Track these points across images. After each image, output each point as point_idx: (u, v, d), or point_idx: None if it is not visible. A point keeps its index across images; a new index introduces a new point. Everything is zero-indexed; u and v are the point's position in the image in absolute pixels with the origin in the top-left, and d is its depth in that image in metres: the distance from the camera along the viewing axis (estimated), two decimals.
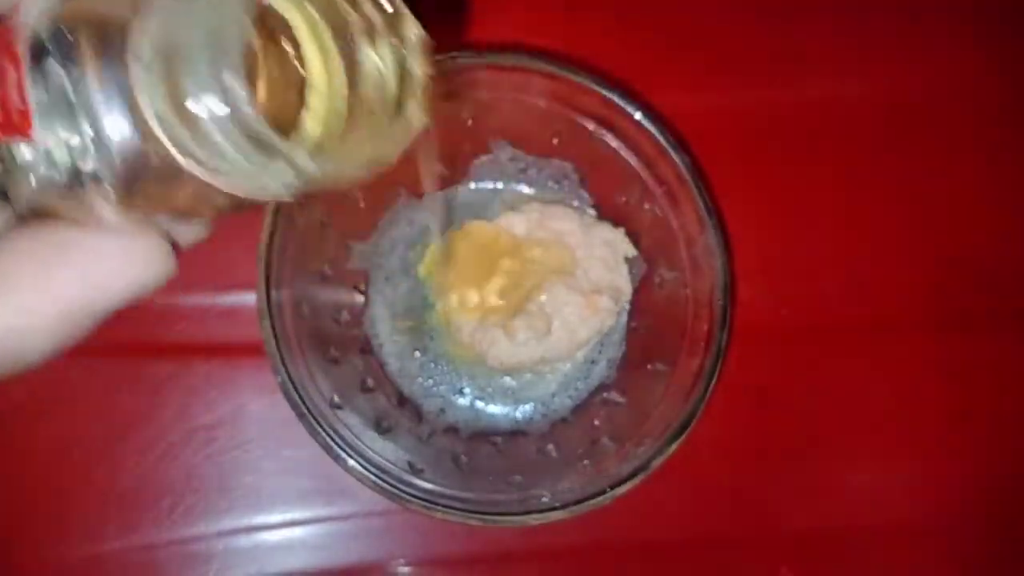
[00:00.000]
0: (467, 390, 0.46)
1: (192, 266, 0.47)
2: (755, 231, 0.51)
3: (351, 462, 0.37)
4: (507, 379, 0.46)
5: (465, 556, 0.46)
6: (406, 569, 0.46)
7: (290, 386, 0.36)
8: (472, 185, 0.48)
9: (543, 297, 0.43)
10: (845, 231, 0.52)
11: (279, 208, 0.37)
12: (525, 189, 0.48)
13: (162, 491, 0.45)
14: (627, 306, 0.47)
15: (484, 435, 0.45)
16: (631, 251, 0.45)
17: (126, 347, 0.47)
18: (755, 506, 0.48)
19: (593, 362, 0.46)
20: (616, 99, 0.40)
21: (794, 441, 0.49)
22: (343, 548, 0.46)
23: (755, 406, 0.49)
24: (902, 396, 0.50)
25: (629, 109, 0.40)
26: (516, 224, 0.44)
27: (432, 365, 0.46)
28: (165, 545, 0.45)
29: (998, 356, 0.52)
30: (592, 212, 0.47)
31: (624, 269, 0.45)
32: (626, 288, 0.45)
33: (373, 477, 0.37)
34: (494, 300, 0.44)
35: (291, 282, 0.39)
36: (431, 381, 0.46)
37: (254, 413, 0.47)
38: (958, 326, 0.52)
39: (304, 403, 0.37)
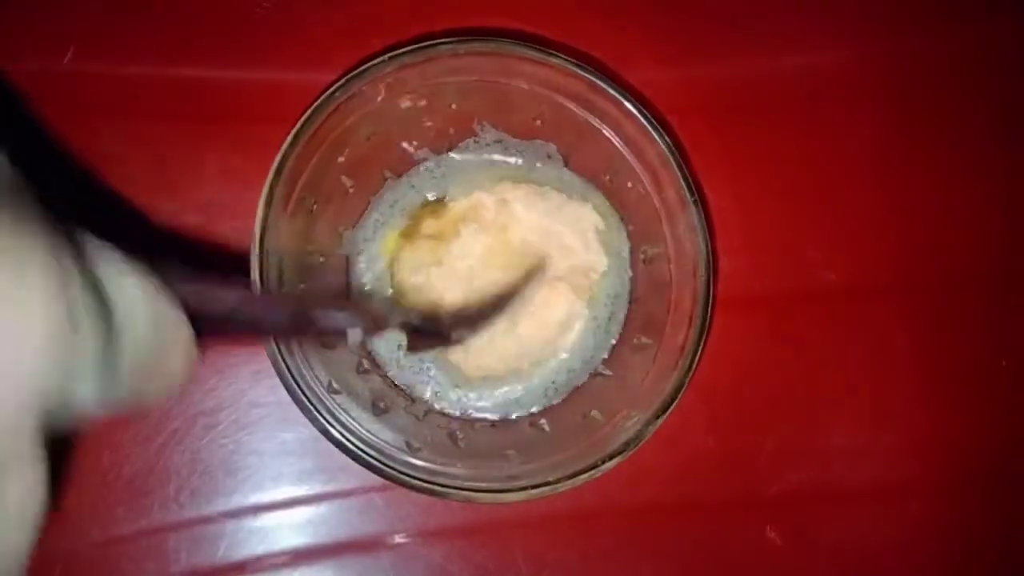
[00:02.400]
0: (456, 386, 0.47)
1: (188, 255, 0.49)
2: (737, 203, 0.52)
3: (350, 446, 0.38)
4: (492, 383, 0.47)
5: (463, 526, 0.48)
6: (406, 540, 0.48)
7: (288, 375, 0.37)
8: (457, 156, 0.48)
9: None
10: (824, 201, 0.53)
11: (271, 199, 0.38)
12: (510, 160, 0.49)
13: (168, 476, 0.47)
14: (601, 275, 0.47)
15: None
16: (600, 223, 0.46)
17: None
18: (741, 470, 0.50)
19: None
20: (598, 82, 0.41)
21: (778, 407, 0.51)
22: (346, 523, 0.47)
23: (740, 374, 0.51)
24: (883, 360, 0.52)
25: (611, 91, 0.41)
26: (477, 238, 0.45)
27: (418, 357, 0.46)
28: (174, 528, 0.46)
29: (978, 319, 0.53)
30: (558, 195, 0.48)
31: (595, 243, 0.46)
32: (600, 261, 0.46)
33: (371, 460, 0.38)
34: None
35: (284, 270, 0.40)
36: (419, 371, 0.47)
37: (255, 397, 0.48)
38: (937, 290, 0.53)
39: (302, 390, 0.38)
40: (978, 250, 0.54)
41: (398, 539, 0.48)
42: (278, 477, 0.47)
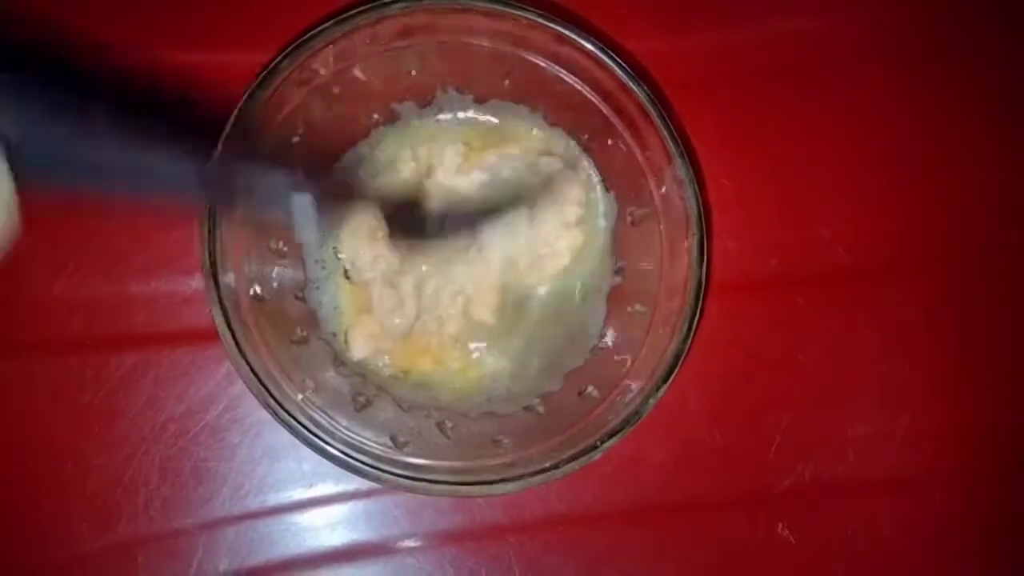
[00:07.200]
0: None
1: (148, 252, 0.46)
2: (731, 177, 0.49)
3: (329, 449, 0.35)
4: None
5: (455, 531, 0.45)
6: (394, 548, 0.44)
7: (254, 379, 0.35)
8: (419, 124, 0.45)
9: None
10: (830, 174, 0.50)
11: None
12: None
13: (136, 487, 0.44)
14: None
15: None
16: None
17: (85, 342, 0.44)
18: (749, 464, 0.46)
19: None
20: (566, 32, 0.38)
21: (785, 395, 0.47)
22: (330, 533, 0.44)
23: (743, 360, 0.47)
24: (895, 344, 0.48)
25: (581, 41, 0.38)
26: None
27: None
28: (143, 542, 0.43)
29: (993, 299, 0.49)
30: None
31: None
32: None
33: (352, 460, 0.35)
34: None
35: (242, 262, 0.37)
36: None
37: (227, 399, 0.45)
38: (954, 271, 0.49)
39: (270, 392, 0.35)
40: (1000, 229, 0.50)
41: (386, 547, 0.44)
42: (254, 485, 0.44)
